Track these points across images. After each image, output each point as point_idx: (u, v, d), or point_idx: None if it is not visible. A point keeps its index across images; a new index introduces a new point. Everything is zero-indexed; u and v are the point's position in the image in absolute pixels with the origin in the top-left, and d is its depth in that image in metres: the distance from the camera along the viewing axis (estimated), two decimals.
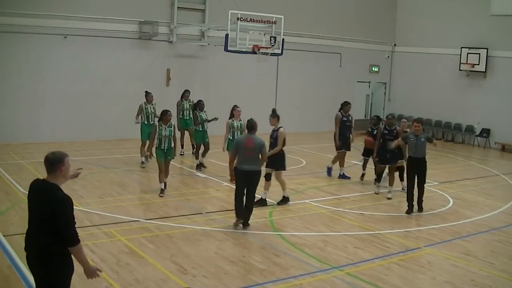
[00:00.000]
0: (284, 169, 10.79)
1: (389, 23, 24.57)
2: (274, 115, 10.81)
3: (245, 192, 9.07)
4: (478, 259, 8.33)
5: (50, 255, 4.52)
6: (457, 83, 22.21)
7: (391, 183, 11.84)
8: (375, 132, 12.75)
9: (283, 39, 15.06)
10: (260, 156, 9.04)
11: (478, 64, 21.02)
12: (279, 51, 15.13)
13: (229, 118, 12.45)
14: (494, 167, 16.53)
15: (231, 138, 12.16)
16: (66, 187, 4.73)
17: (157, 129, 11.00)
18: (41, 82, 16.55)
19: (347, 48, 23.10)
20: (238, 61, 17.72)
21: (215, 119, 13.66)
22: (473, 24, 21.32)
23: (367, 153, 13.24)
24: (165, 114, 11.01)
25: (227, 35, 14.31)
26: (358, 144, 15.17)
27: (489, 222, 10.43)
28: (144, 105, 14.33)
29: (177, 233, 8.87)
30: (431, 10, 23.09)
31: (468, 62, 21.30)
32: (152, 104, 14.43)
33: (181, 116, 15.31)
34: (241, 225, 9.13)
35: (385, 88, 25.21)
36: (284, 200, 10.87)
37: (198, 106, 13.93)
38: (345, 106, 13.89)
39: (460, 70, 21.75)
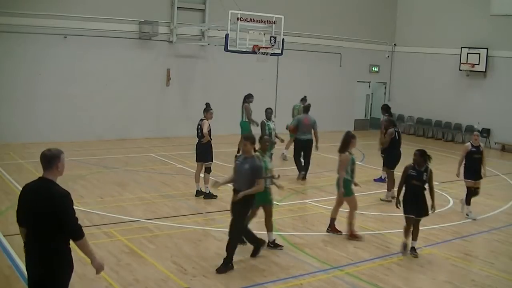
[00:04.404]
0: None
1: (389, 23, 24.58)
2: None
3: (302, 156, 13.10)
4: (478, 259, 8.34)
5: (51, 253, 4.52)
6: (457, 83, 22.22)
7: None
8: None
9: (283, 39, 15.06)
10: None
11: (478, 64, 21.03)
12: (279, 51, 15.13)
13: (344, 151, 9.02)
14: (494, 167, 16.51)
15: (349, 178, 8.97)
16: (67, 188, 4.72)
17: (260, 160, 7.74)
18: (41, 82, 16.55)
19: (347, 48, 23.11)
20: (238, 61, 17.72)
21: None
22: (473, 24, 21.32)
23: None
24: (267, 140, 8.38)
25: (227, 35, 14.31)
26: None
27: (489, 222, 10.44)
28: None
29: (177, 233, 8.87)
30: (431, 10, 23.09)
31: (468, 62, 21.31)
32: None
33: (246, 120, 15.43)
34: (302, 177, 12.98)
35: (385, 88, 25.22)
36: (201, 194, 11.17)
37: (266, 114, 13.35)
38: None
39: (460, 70, 21.76)
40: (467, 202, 10.67)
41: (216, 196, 11.03)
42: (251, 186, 7.31)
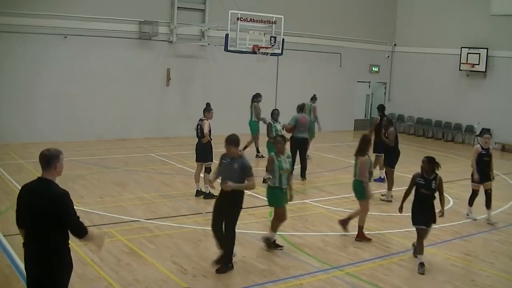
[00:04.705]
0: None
1: (389, 23, 24.58)
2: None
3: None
4: (478, 259, 8.34)
5: (49, 253, 4.52)
6: (457, 83, 22.22)
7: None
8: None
9: (283, 39, 15.07)
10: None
11: (478, 64, 21.03)
12: (279, 51, 15.14)
13: (364, 154, 8.98)
14: (494, 167, 16.46)
15: (368, 181, 9.01)
16: (67, 188, 4.73)
17: (275, 161, 8.07)
18: (41, 82, 16.55)
19: (347, 48, 23.11)
20: (238, 61, 17.72)
21: (282, 127, 13.24)
22: (473, 24, 21.32)
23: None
24: (280, 141, 8.34)
25: (227, 35, 14.31)
26: None
27: None
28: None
29: (177, 233, 8.86)
30: (431, 10, 23.09)
31: (468, 62, 21.31)
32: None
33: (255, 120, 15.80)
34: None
35: (385, 88, 25.22)
36: (201, 194, 11.13)
37: (272, 116, 13.19)
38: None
39: (460, 70, 21.76)
40: (470, 203, 10.57)
41: (216, 196, 11.01)
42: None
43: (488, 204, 10.39)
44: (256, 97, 15.93)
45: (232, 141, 7.25)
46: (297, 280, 7.16)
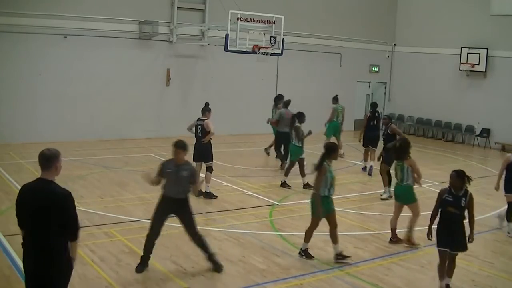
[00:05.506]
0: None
1: (389, 23, 24.58)
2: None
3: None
4: (478, 259, 8.34)
5: (49, 254, 4.51)
6: (457, 83, 22.23)
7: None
8: None
9: (283, 39, 15.08)
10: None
11: (478, 64, 21.04)
12: (279, 51, 15.15)
13: (409, 157, 8.97)
14: (494, 167, 16.47)
15: (412, 184, 8.92)
16: (66, 188, 4.72)
17: (327, 170, 7.73)
18: (41, 82, 16.55)
19: (347, 48, 23.10)
20: (238, 61, 17.72)
21: (310, 133, 12.41)
22: (473, 24, 21.33)
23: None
24: (334, 150, 7.89)
25: (227, 35, 14.32)
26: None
27: (489, 222, 10.43)
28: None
29: (177, 233, 8.84)
30: (431, 10, 23.09)
31: (468, 62, 21.31)
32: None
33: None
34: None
35: (385, 88, 25.22)
36: (201, 194, 10.87)
37: (299, 118, 12.64)
38: None
39: (460, 70, 21.77)
40: (509, 218, 9.69)
41: (216, 196, 11.03)
42: (188, 192, 7.22)
43: (509, 217, 9.73)
44: (279, 100, 15.80)
45: (182, 145, 7.15)
46: (297, 280, 7.16)
